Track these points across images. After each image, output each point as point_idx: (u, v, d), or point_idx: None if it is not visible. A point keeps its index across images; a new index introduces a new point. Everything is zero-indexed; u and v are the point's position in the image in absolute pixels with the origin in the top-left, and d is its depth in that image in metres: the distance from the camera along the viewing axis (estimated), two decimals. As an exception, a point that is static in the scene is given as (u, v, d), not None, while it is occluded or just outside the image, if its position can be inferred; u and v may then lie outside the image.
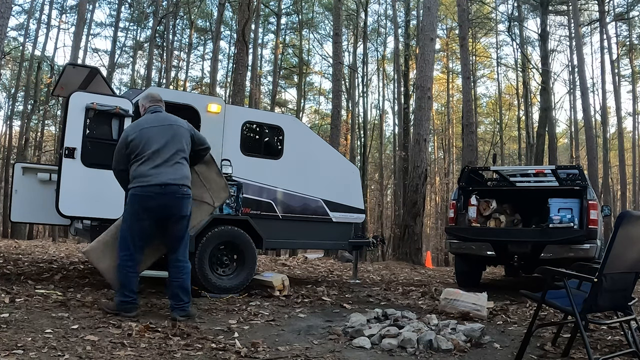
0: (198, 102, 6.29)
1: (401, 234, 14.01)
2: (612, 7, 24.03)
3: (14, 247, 10.88)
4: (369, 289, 7.13)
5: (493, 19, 28.51)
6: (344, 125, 25.62)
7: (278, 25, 29.45)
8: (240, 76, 13.49)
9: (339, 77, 16.85)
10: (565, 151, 34.55)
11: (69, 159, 5.28)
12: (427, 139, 14.62)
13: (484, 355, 3.69)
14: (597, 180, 17.10)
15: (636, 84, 27.57)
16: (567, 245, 6.54)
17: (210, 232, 5.92)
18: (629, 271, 3.30)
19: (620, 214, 3.08)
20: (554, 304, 3.45)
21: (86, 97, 5.45)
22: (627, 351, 3.50)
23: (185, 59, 31.48)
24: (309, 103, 34.96)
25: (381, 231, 28.14)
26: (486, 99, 35.49)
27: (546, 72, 21.44)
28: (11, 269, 6.55)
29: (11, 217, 6.53)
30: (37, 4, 24.42)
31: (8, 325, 3.70)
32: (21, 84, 25.29)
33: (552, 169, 7.51)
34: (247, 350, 3.49)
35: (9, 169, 19.82)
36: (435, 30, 14.81)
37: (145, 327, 3.83)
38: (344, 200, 7.08)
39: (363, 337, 3.87)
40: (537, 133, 21.59)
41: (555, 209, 7.04)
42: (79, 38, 18.25)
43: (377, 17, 30.46)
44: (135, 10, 28.20)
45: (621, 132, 24.87)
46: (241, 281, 6.07)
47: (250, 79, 23.82)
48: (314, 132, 8.03)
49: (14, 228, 19.43)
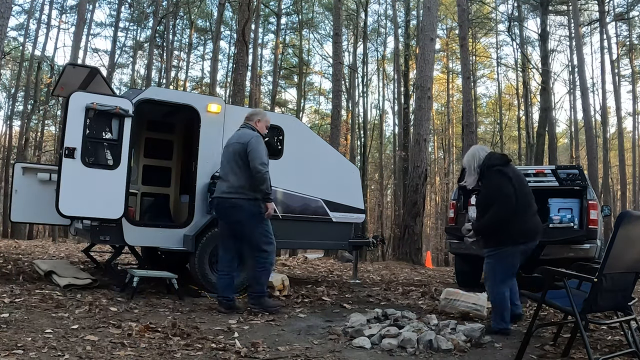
0: (198, 102, 6.28)
1: (401, 234, 14.01)
2: (612, 7, 24.04)
3: (14, 247, 10.87)
4: (369, 289, 7.13)
5: (493, 19, 28.49)
6: (344, 125, 25.61)
7: (278, 25, 29.44)
8: (240, 76, 13.47)
9: (339, 77, 16.83)
10: (565, 151, 34.54)
11: (69, 159, 5.27)
12: (427, 139, 14.62)
13: (484, 355, 3.68)
14: (597, 180, 17.10)
15: (636, 84, 27.56)
16: (567, 245, 6.54)
17: (210, 232, 5.92)
18: (629, 271, 3.31)
19: (620, 214, 3.08)
20: (554, 304, 3.45)
21: (86, 97, 5.44)
22: (627, 351, 3.50)
23: (185, 59, 31.51)
24: (309, 103, 34.97)
25: (381, 231, 28.14)
26: (486, 99, 35.50)
27: (546, 72, 21.43)
28: (11, 269, 6.55)
29: (11, 217, 6.54)
30: (37, 4, 24.44)
31: (8, 325, 3.70)
32: (21, 84, 25.28)
33: (552, 169, 7.50)
34: (247, 350, 3.49)
35: (9, 169, 19.82)
36: (435, 30, 14.81)
37: (145, 327, 3.82)
38: (344, 200, 7.07)
39: (363, 337, 3.87)
40: (537, 133, 21.59)
41: (555, 209, 7.04)
42: (79, 38, 18.24)
43: (377, 17, 30.48)
44: (135, 10, 28.20)
45: (621, 132, 24.86)
46: (241, 281, 6.07)
47: (250, 79, 23.81)
48: (314, 132, 8.03)
49: (14, 228, 19.43)
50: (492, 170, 4.33)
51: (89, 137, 5.44)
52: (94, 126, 5.52)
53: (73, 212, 5.43)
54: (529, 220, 4.31)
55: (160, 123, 7.38)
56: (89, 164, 5.40)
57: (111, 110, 5.50)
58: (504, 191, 4.20)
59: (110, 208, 5.46)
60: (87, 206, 5.40)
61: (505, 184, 4.23)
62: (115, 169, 5.53)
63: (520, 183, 4.33)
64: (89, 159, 5.42)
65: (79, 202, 5.34)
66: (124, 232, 5.66)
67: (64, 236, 19.33)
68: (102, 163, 5.59)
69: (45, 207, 6.11)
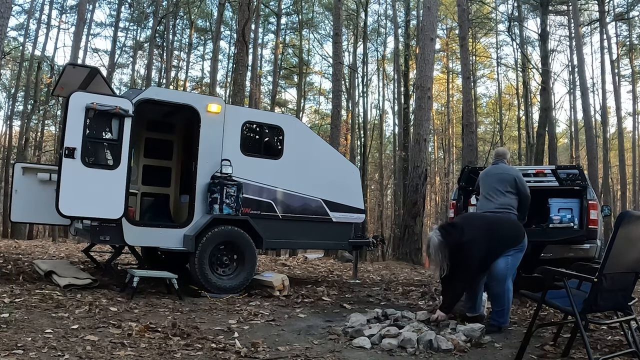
0: (198, 102, 6.28)
1: (401, 234, 14.00)
2: (612, 7, 24.02)
3: (14, 247, 10.86)
4: (369, 289, 7.13)
5: (493, 19, 28.48)
6: (344, 125, 25.60)
7: (278, 25, 29.42)
8: (240, 76, 13.47)
9: (339, 77, 16.82)
10: (565, 151, 34.53)
11: (69, 159, 5.27)
12: (427, 139, 14.61)
13: (484, 355, 3.68)
14: (597, 180, 17.09)
15: (636, 84, 27.55)
16: (567, 245, 6.53)
17: (210, 232, 5.92)
18: (628, 271, 3.31)
19: (620, 214, 3.08)
20: (554, 304, 3.45)
21: (86, 97, 5.44)
22: (627, 351, 3.50)
23: (185, 59, 31.47)
24: (309, 103, 34.95)
25: (381, 231, 28.12)
26: (486, 99, 35.48)
27: (546, 72, 21.41)
28: (11, 269, 6.55)
29: (11, 217, 6.54)
30: (37, 4, 24.41)
31: (8, 325, 3.70)
32: (21, 84, 25.26)
33: (552, 169, 7.49)
34: (247, 350, 3.49)
35: (9, 169, 19.81)
36: (435, 30, 14.80)
37: (145, 327, 3.83)
38: (344, 200, 7.08)
39: (363, 337, 3.87)
40: (537, 133, 21.57)
41: (555, 209, 7.02)
42: (79, 38, 18.24)
43: (377, 17, 30.44)
44: (135, 10, 28.17)
45: (621, 132, 24.84)
46: (241, 281, 6.08)
47: (250, 79, 23.79)
48: (314, 132, 8.03)
49: (14, 228, 19.41)
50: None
51: (89, 137, 5.43)
52: (94, 126, 5.52)
53: (73, 212, 5.43)
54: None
55: (160, 123, 7.38)
56: (89, 164, 5.40)
57: (111, 110, 5.49)
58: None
59: (110, 208, 5.46)
60: (87, 206, 5.40)
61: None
62: (115, 169, 5.53)
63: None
64: (89, 159, 5.42)
65: (79, 202, 5.34)
66: (124, 232, 5.66)
67: (64, 236, 19.31)
68: (102, 163, 5.59)
69: (45, 207, 6.11)
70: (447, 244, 4.17)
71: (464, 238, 4.25)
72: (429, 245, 4.24)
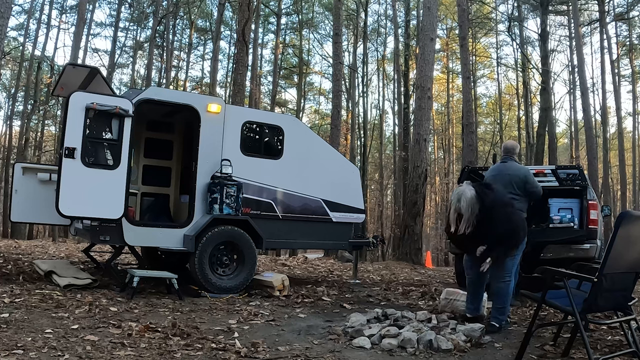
0: (198, 102, 6.28)
1: (401, 234, 13.99)
2: (612, 7, 24.03)
3: (14, 247, 10.86)
4: (369, 289, 7.13)
5: (493, 19, 28.47)
6: (344, 125, 25.59)
7: (278, 25, 29.42)
8: (240, 76, 13.47)
9: (339, 77, 16.82)
10: (565, 151, 34.54)
11: (69, 159, 5.27)
12: (427, 139, 14.59)
13: (484, 355, 3.68)
14: (597, 180, 17.09)
15: (636, 84, 27.54)
16: (567, 245, 6.53)
17: (210, 232, 5.92)
18: (628, 271, 3.31)
19: (620, 214, 3.09)
20: (554, 304, 3.45)
21: (86, 97, 5.44)
22: (627, 351, 3.50)
23: (185, 59, 31.47)
24: (309, 103, 34.96)
25: (381, 231, 28.11)
26: (486, 99, 35.48)
27: (546, 72, 21.41)
28: (11, 269, 6.55)
29: (11, 217, 6.54)
30: (37, 4, 24.42)
31: (8, 325, 3.70)
32: (21, 84, 25.26)
33: (552, 169, 7.49)
34: (247, 350, 3.49)
35: (9, 169, 19.81)
36: (435, 30, 14.79)
37: (145, 327, 3.83)
38: (344, 200, 7.08)
39: (363, 337, 3.87)
40: (537, 133, 21.58)
41: (555, 209, 7.02)
42: (79, 38, 18.23)
43: (377, 17, 30.46)
44: (135, 10, 28.17)
45: (621, 132, 24.84)
46: (241, 281, 6.08)
47: (250, 79, 23.80)
48: (314, 132, 8.02)
49: (14, 228, 19.41)
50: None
51: (89, 137, 5.43)
52: (94, 126, 5.52)
53: (73, 212, 5.43)
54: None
55: (160, 123, 7.38)
56: (89, 164, 5.40)
57: (111, 110, 5.49)
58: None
59: (110, 208, 5.46)
60: (87, 206, 5.40)
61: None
62: (115, 169, 5.53)
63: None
64: (89, 159, 5.42)
65: (79, 202, 5.34)
66: (124, 232, 5.66)
67: (64, 236, 19.31)
68: (102, 163, 5.59)
69: (45, 207, 6.11)
70: (479, 201, 4.12)
71: (497, 200, 4.27)
72: (460, 198, 4.11)
